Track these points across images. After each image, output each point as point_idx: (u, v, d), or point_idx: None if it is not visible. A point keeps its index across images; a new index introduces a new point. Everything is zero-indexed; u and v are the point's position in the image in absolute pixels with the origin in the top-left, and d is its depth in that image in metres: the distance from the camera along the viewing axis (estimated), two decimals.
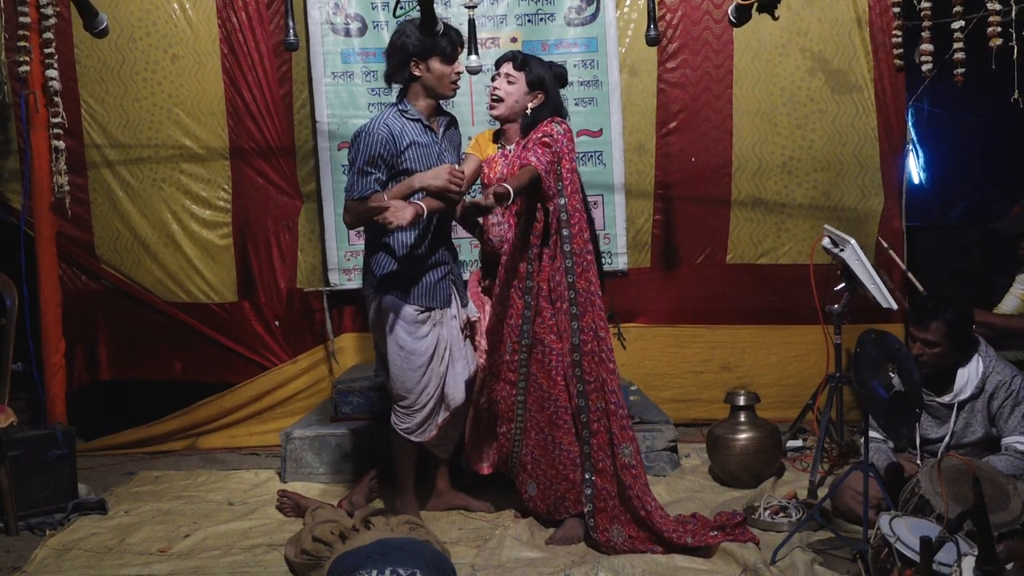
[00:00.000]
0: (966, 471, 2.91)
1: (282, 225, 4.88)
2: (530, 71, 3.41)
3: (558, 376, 3.33)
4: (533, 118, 3.41)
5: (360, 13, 4.74)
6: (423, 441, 3.57)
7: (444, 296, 3.52)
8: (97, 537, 3.57)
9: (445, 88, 3.43)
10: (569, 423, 3.34)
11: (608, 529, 3.28)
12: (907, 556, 2.61)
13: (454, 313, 3.57)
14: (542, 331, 3.34)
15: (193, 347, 4.89)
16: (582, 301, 3.29)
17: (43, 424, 4.14)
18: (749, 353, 4.92)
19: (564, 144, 3.30)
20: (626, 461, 3.26)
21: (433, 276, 3.48)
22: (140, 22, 4.68)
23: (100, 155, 4.76)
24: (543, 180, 3.20)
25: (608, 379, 3.29)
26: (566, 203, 3.29)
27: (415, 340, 3.44)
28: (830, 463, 4.08)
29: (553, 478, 3.39)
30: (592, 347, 3.28)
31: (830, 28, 4.76)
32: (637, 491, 3.24)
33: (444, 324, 3.52)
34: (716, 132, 4.85)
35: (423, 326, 3.45)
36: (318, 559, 2.99)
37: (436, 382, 3.50)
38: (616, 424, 3.28)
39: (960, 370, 3.38)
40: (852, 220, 4.81)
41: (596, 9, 4.77)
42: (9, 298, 3.82)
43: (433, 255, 3.49)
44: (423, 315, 3.45)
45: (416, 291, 3.44)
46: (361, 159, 3.33)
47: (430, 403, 3.50)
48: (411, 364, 3.44)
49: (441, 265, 3.51)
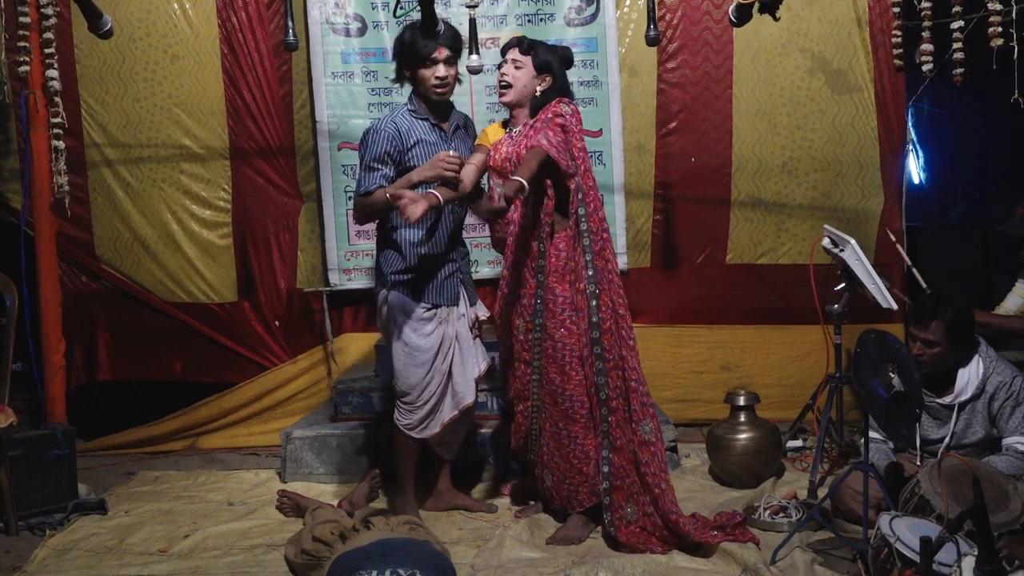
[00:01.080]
0: (966, 471, 2.91)
1: (282, 225, 4.88)
2: (536, 55, 3.41)
3: (571, 370, 3.32)
4: (542, 99, 3.41)
5: (360, 13, 4.74)
6: (424, 438, 3.56)
7: (452, 294, 3.53)
8: (97, 537, 3.57)
9: (428, 92, 3.43)
10: (584, 416, 3.32)
11: (623, 507, 3.28)
12: (907, 556, 2.61)
13: (462, 312, 3.57)
14: (552, 326, 3.33)
15: (193, 347, 4.89)
16: (600, 279, 3.28)
17: (43, 424, 4.14)
18: (749, 353, 4.92)
19: (574, 124, 3.31)
20: (646, 438, 3.28)
21: (441, 273, 3.49)
22: (140, 22, 4.68)
23: (100, 155, 4.76)
24: (558, 160, 3.19)
25: (628, 356, 3.30)
26: (580, 182, 3.29)
27: (420, 337, 3.45)
28: (830, 463, 4.08)
29: (567, 471, 3.38)
30: (610, 325, 3.28)
31: (830, 28, 4.76)
32: (655, 468, 3.27)
33: (450, 322, 3.52)
34: (716, 132, 4.85)
35: (428, 324, 3.46)
36: (318, 559, 2.99)
37: (439, 380, 3.50)
38: (636, 401, 3.29)
39: (961, 371, 3.37)
40: (852, 220, 4.81)
41: (596, 9, 4.77)
42: (9, 298, 3.82)
43: (441, 252, 3.50)
44: (429, 312, 3.47)
45: (422, 288, 3.46)
46: (368, 155, 3.38)
47: (432, 400, 3.50)
48: (414, 361, 3.45)
49: (449, 263, 3.52)
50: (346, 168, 4.77)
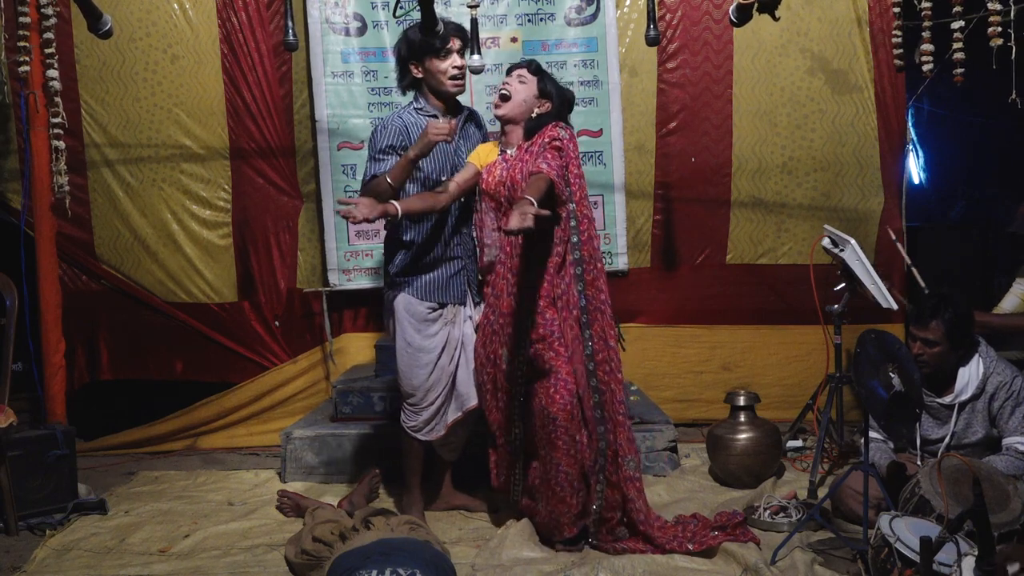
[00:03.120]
0: (966, 471, 2.91)
1: (282, 225, 4.88)
2: (543, 80, 3.34)
3: (556, 394, 3.19)
4: (537, 123, 3.33)
5: (360, 13, 4.74)
6: (430, 440, 3.56)
7: (458, 292, 3.51)
8: (97, 537, 3.57)
9: (444, 84, 3.43)
10: (568, 443, 3.19)
11: (609, 536, 3.28)
12: (907, 556, 2.62)
13: (469, 313, 3.55)
14: (541, 348, 3.23)
15: (193, 347, 4.89)
16: (591, 309, 3.24)
17: (43, 424, 4.14)
18: (749, 353, 4.92)
19: (571, 149, 3.26)
20: (630, 473, 3.24)
21: (445, 272, 3.48)
22: (140, 22, 4.68)
23: (100, 155, 4.76)
24: (556, 185, 3.13)
25: (617, 389, 3.26)
26: (575, 209, 3.24)
27: (424, 338, 3.45)
28: (830, 463, 4.08)
29: (551, 500, 3.25)
30: (603, 356, 3.24)
31: (830, 28, 4.77)
32: (640, 504, 3.24)
33: (457, 323, 3.51)
34: (716, 132, 4.85)
35: (433, 324, 3.46)
36: (318, 559, 2.99)
37: (444, 381, 3.49)
38: (623, 436, 3.25)
39: (961, 370, 3.37)
40: (852, 220, 4.81)
41: (596, 9, 4.77)
42: (9, 298, 3.82)
43: (447, 250, 3.49)
44: (434, 313, 3.46)
45: (427, 287, 3.46)
46: (375, 148, 3.41)
47: (437, 401, 3.50)
48: (418, 361, 3.45)
49: (454, 260, 3.50)
50: (346, 168, 4.77)
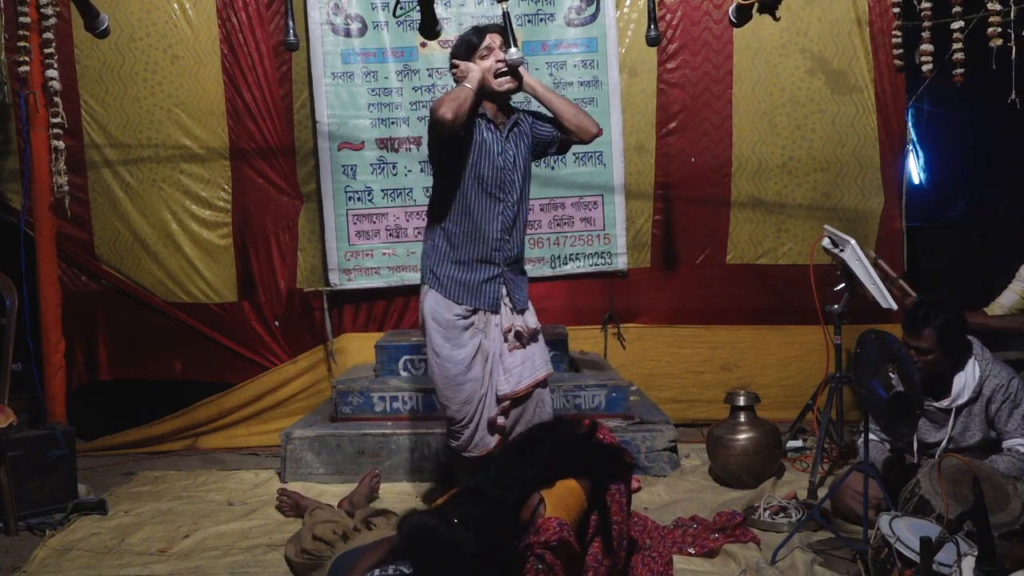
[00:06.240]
0: (966, 471, 2.91)
1: (282, 225, 4.88)
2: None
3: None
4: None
5: (360, 13, 4.74)
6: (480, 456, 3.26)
7: (490, 299, 3.22)
8: (97, 537, 3.56)
9: (490, 83, 3.18)
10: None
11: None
12: (907, 556, 2.61)
13: (497, 322, 3.26)
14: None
15: (193, 347, 4.89)
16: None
17: (43, 424, 4.14)
18: (749, 353, 4.92)
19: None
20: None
21: (479, 275, 3.21)
22: (140, 22, 4.69)
23: (100, 155, 4.76)
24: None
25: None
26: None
27: (452, 348, 3.19)
28: (830, 463, 4.08)
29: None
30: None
31: (830, 28, 4.77)
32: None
33: (489, 333, 3.24)
34: (716, 132, 4.85)
35: (463, 333, 3.20)
36: (319, 559, 2.99)
37: (481, 393, 3.23)
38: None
39: (957, 374, 3.36)
40: (852, 220, 4.81)
41: (596, 9, 4.77)
42: (9, 298, 3.81)
43: (485, 252, 3.21)
44: (464, 320, 3.20)
45: (457, 286, 3.20)
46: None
47: (476, 417, 3.24)
48: (446, 372, 3.20)
49: (491, 266, 3.22)
50: (346, 168, 4.77)
